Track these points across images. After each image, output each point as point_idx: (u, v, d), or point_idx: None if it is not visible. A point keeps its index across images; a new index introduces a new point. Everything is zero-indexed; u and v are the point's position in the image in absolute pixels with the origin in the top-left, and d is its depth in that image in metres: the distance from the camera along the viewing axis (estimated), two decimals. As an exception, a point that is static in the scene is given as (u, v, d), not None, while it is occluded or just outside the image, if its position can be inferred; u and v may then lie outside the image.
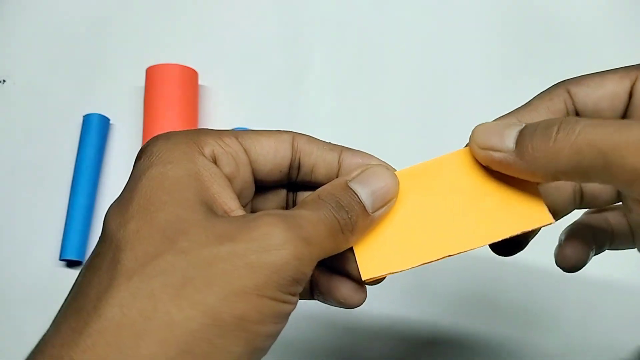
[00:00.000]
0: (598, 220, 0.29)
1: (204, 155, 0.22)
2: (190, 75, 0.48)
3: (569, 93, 0.24)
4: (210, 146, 0.22)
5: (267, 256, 0.19)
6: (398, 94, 0.51)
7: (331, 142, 0.25)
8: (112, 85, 0.51)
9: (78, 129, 0.49)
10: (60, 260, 0.45)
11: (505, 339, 0.43)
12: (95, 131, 0.48)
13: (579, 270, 0.29)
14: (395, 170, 0.25)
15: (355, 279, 0.24)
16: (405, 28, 0.53)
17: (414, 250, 0.23)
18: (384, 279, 0.24)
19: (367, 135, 0.49)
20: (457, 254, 0.24)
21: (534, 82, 0.51)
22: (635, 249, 0.29)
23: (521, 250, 0.27)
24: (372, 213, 0.22)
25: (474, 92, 0.50)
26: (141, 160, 0.22)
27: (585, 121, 0.20)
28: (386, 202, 0.23)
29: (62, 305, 0.21)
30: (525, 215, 0.23)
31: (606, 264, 0.45)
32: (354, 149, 0.25)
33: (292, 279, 0.19)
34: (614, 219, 0.29)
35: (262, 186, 0.25)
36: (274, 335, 0.20)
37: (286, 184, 0.26)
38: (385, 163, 0.25)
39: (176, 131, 0.23)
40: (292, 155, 0.24)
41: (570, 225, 0.30)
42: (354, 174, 0.23)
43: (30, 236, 0.47)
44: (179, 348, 0.18)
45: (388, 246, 0.23)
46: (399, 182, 0.23)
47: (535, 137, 0.21)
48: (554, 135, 0.20)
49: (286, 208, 0.27)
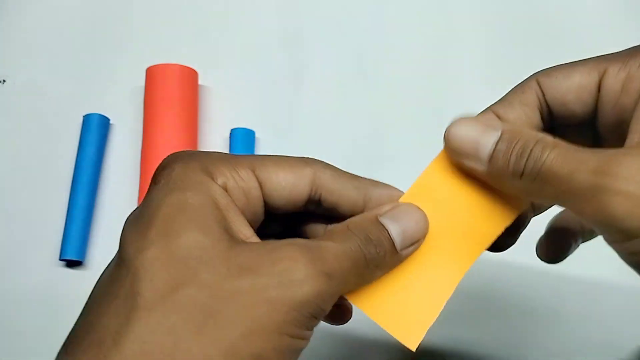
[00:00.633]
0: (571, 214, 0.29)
1: (218, 184, 0.21)
2: (190, 75, 0.48)
3: (539, 85, 0.24)
4: (224, 178, 0.22)
5: (288, 292, 0.19)
6: (398, 94, 0.51)
7: (358, 177, 0.24)
8: (112, 85, 0.51)
9: (78, 129, 0.49)
10: (60, 260, 0.45)
11: (505, 340, 0.43)
12: (95, 131, 0.48)
13: (558, 262, 0.29)
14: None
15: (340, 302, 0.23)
16: (405, 28, 0.53)
17: (435, 291, 0.23)
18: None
19: (367, 135, 0.49)
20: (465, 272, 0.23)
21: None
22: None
23: (513, 244, 0.26)
24: (401, 251, 0.22)
25: (474, 92, 0.50)
26: (160, 184, 0.22)
27: (552, 152, 0.20)
28: (415, 242, 0.22)
29: (76, 328, 0.20)
30: (506, 207, 0.23)
31: (606, 263, 0.45)
32: (381, 183, 0.24)
33: (311, 316, 0.19)
34: None
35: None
36: None
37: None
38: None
39: (191, 154, 0.23)
40: (312, 191, 0.23)
41: (553, 217, 0.30)
42: (385, 209, 0.22)
43: (30, 236, 0.47)
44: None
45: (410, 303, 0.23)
46: (428, 223, 0.23)
47: (508, 164, 0.21)
48: (522, 166, 0.20)
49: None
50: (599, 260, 0.45)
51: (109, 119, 0.49)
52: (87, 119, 0.48)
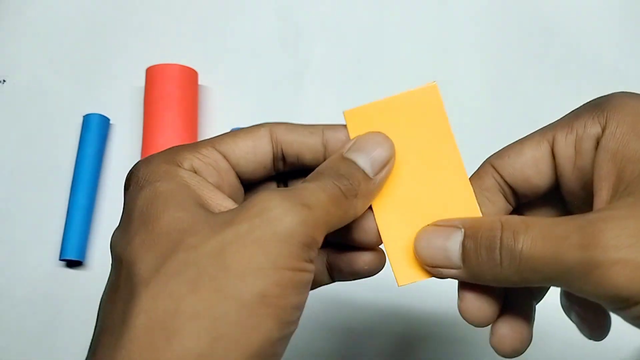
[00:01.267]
0: None
1: (185, 169, 0.22)
2: (190, 75, 0.48)
3: (495, 168, 0.24)
4: (189, 160, 0.23)
5: (272, 228, 0.19)
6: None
7: (311, 125, 0.25)
8: (112, 85, 0.51)
9: (78, 129, 0.49)
10: (60, 260, 0.45)
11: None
12: (95, 131, 0.48)
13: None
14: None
15: (371, 247, 0.24)
16: (405, 28, 0.53)
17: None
18: None
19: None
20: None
21: (533, 82, 0.51)
22: None
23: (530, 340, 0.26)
24: (374, 177, 0.23)
25: (473, 92, 0.50)
26: (130, 188, 0.22)
27: (526, 236, 0.20)
28: (385, 164, 0.23)
29: (94, 331, 0.21)
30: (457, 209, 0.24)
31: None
32: (335, 125, 0.25)
33: (302, 244, 0.19)
34: None
35: (252, 184, 0.25)
36: (299, 307, 0.20)
37: (275, 176, 0.26)
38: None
39: (153, 154, 0.23)
40: (274, 149, 0.24)
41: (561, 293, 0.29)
42: (347, 146, 0.23)
43: (30, 236, 0.47)
44: (210, 336, 0.18)
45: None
46: (393, 144, 0.24)
47: (481, 260, 0.21)
48: (498, 258, 0.20)
49: None
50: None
51: (109, 119, 0.49)
52: (87, 118, 0.48)
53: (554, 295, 0.45)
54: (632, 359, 0.42)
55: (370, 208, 0.24)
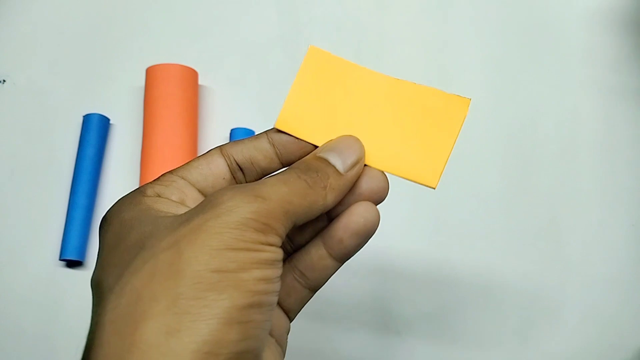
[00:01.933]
0: None
1: (149, 196, 0.23)
2: (190, 75, 0.48)
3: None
4: (151, 188, 0.24)
5: (224, 218, 0.20)
6: (398, 94, 0.51)
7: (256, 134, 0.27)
8: (112, 85, 0.51)
9: (78, 129, 0.49)
10: (60, 260, 0.45)
11: (505, 339, 0.43)
12: (95, 131, 0.48)
13: None
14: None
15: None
16: (405, 28, 0.53)
17: (328, 131, 0.26)
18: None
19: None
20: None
21: (532, 82, 0.51)
22: None
23: None
24: (345, 173, 0.24)
25: (473, 92, 0.50)
26: (102, 230, 0.23)
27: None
28: (356, 162, 0.24)
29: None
30: (418, 167, 0.25)
31: (606, 263, 0.45)
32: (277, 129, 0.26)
33: (255, 230, 0.20)
34: None
35: None
36: (264, 279, 0.20)
37: None
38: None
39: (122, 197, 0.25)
40: (226, 160, 0.25)
41: None
42: (320, 147, 0.25)
43: (30, 236, 0.47)
44: (173, 313, 0.18)
45: (310, 118, 0.26)
46: (363, 145, 0.25)
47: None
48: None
49: None
50: (599, 260, 0.45)
51: (109, 119, 0.49)
52: (87, 118, 0.48)
53: (554, 295, 0.45)
54: (632, 358, 0.42)
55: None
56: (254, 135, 0.27)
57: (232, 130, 0.48)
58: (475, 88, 0.50)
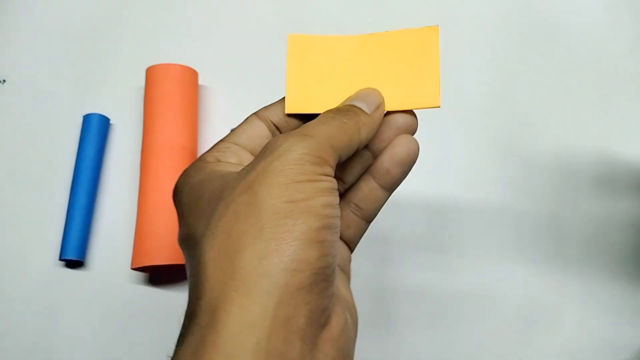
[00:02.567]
0: None
1: (209, 162, 0.26)
2: (190, 75, 0.48)
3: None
4: (210, 155, 0.27)
5: (283, 158, 0.22)
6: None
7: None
8: (112, 85, 0.51)
9: (78, 129, 0.49)
10: (60, 260, 0.45)
11: (504, 339, 0.43)
12: (95, 131, 0.48)
13: None
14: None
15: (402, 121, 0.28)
16: (404, 28, 0.53)
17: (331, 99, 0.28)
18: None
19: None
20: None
21: (532, 82, 0.51)
22: None
23: None
24: (372, 113, 0.27)
25: (474, 92, 0.50)
26: (176, 197, 0.26)
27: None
28: (378, 104, 0.27)
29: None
30: (419, 95, 0.28)
31: (605, 263, 0.45)
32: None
33: (312, 164, 0.23)
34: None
35: None
36: (329, 205, 0.22)
37: None
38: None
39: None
40: (264, 122, 0.29)
41: None
42: (345, 100, 0.28)
43: (30, 236, 0.47)
44: (261, 241, 0.21)
45: (313, 94, 0.29)
46: (380, 92, 0.28)
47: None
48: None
49: None
50: (598, 259, 0.45)
51: (109, 119, 0.49)
52: (87, 119, 0.48)
53: (553, 295, 0.45)
54: (633, 358, 0.42)
55: None
56: (282, 98, 0.29)
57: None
58: (475, 88, 0.50)
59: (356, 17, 0.53)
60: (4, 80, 0.52)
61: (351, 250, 0.29)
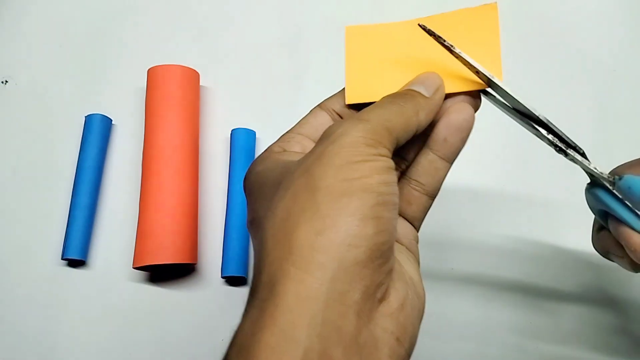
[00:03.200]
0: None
1: (276, 151, 0.28)
2: (191, 76, 0.48)
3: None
4: (277, 146, 0.28)
5: (339, 142, 0.23)
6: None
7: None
8: (114, 86, 0.52)
9: (80, 129, 0.49)
10: (63, 259, 0.45)
11: (505, 337, 0.43)
12: (97, 131, 0.48)
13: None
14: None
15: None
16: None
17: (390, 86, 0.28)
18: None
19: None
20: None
21: (532, 82, 0.51)
22: None
23: None
24: (431, 96, 0.27)
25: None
26: (244, 185, 0.27)
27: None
28: (437, 87, 0.27)
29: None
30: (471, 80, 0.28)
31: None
32: None
33: (366, 145, 0.23)
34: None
35: None
36: (384, 183, 0.23)
37: None
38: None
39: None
40: (327, 112, 0.29)
41: None
42: (404, 84, 0.28)
43: (33, 236, 0.47)
44: (318, 218, 0.21)
45: (373, 82, 0.29)
46: (439, 76, 0.28)
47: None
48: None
49: None
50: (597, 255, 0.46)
51: (110, 119, 0.50)
52: (89, 119, 0.48)
53: (555, 292, 0.45)
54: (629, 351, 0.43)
55: None
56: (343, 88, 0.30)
57: (233, 130, 0.48)
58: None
59: (356, 19, 0.54)
60: (7, 81, 0.52)
61: (417, 228, 0.29)
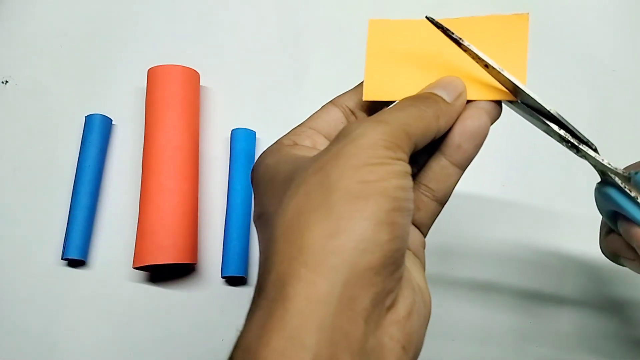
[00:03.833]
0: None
1: (286, 144, 0.27)
2: (191, 76, 0.48)
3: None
4: (288, 138, 0.27)
5: (357, 143, 0.22)
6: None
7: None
8: (114, 86, 0.52)
9: (80, 130, 0.49)
10: (63, 259, 0.45)
11: (504, 336, 0.44)
12: (97, 131, 0.48)
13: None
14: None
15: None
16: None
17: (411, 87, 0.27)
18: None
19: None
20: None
21: (532, 82, 0.51)
22: None
23: None
24: (453, 102, 0.26)
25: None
26: (252, 176, 0.27)
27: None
28: (459, 93, 0.27)
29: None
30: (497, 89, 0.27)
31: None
32: None
33: (385, 148, 0.22)
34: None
35: None
36: (402, 188, 0.22)
37: None
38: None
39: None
40: (340, 108, 0.29)
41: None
42: (426, 87, 0.27)
43: (33, 235, 0.47)
44: (332, 219, 0.21)
45: (392, 80, 0.28)
46: (463, 81, 0.27)
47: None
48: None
49: None
50: (597, 253, 0.46)
51: (111, 120, 0.50)
52: (89, 119, 0.48)
53: (556, 290, 0.45)
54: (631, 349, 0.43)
55: None
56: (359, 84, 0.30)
57: (233, 130, 0.48)
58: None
59: (356, 19, 0.54)
60: (7, 81, 0.52)
61: (424, 234, 0.28)
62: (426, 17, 0.27)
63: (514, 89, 0.27)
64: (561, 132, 0.27)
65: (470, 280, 0.45)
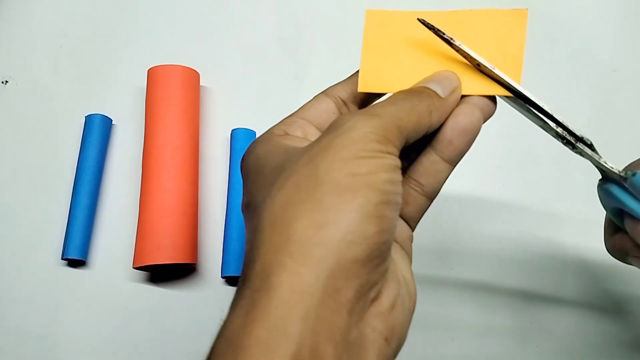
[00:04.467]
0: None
1: (277, 134, 0.27)
2: (191, 76, 0.48)
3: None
4: (278, 128, 0.27)
5: (348, 135, 0.22)
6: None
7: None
8: (114, 86, 0.52)
9: (80, 130, 0.49)
10: (63, 259, 0.46)
11: (504, 336, 0.43)
12: (97, 131, 0.48)
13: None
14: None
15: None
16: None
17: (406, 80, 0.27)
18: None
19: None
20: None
21: (532, 82, 0.51)
22: None
23: None
24: (446, 97, 0.26)
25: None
26: (242, 165, 0.27)
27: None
28: (454, 89, 0.26)
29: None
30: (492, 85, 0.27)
31: (604, 256, 0.45)
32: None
33: (376, 141, 0.22)
34: None
35: None
36: (391, 181, 0.22)
37: None
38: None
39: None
40: (332, 99, 0.29)
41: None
42: (420, 81, 0.27)
43: (33, 235, 0.47)
44: (319, 211, 0.21)
45: (388, 72, 0.28)
46: (458, 76, 0.27)
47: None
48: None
49: None
50: (596, 252, 0.46)
51: (111, 120, 0.50)
52: (90, 119, 0.48)
53: (555, 289, 0.45)
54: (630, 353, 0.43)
55: None
56: (352, 74, 0.29)
57: (233, 130, 0.48)
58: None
59: (356, 19, 0.54)
60: (7, 81, 0.52)
61: (412, 228, 0.28)
62: (418, 19, 0.27)
63: (509, 86, 0.27)
64: (558, 130, 0.27)
65: (470, 280, 0.45)
